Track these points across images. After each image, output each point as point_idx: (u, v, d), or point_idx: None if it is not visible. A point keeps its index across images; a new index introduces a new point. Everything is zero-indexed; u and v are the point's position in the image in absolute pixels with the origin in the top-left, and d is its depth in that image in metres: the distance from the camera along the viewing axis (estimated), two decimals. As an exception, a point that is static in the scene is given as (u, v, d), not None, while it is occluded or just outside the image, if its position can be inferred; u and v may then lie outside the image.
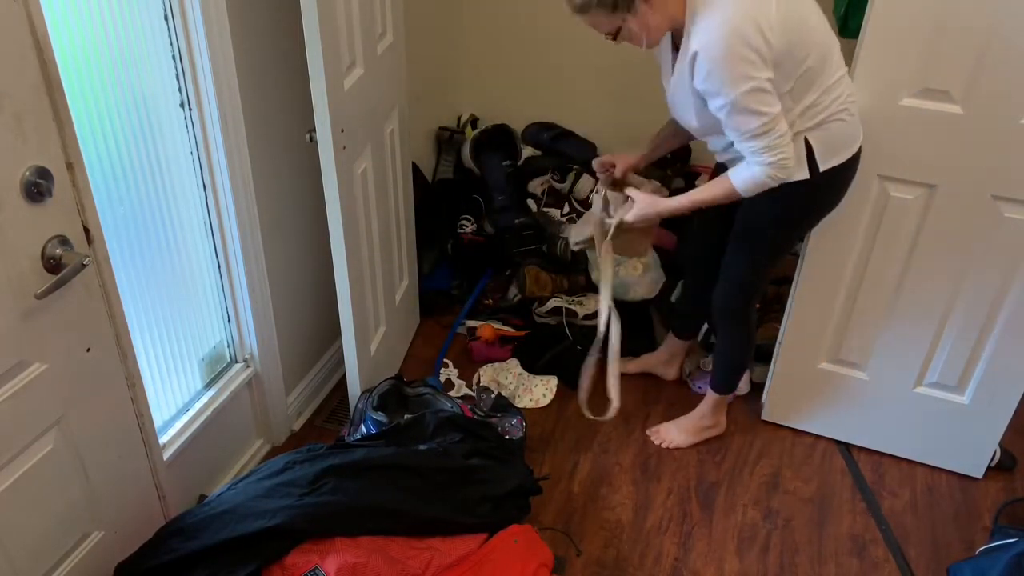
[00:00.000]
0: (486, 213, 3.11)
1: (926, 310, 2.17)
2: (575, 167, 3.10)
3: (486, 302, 2.92)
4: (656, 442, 2.44)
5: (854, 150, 1.91)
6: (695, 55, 1.68)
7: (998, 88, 1.85)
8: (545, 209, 3.07)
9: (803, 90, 1.77)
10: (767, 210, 1.97)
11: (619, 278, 2.71)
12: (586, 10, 1.70)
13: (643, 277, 2.71)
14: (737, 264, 2.14)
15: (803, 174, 1.85)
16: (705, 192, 1.94)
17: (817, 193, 1.93)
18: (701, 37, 1.67)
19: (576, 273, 2.92)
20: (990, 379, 2.19)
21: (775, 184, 1.80)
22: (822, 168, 1.86)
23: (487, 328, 2.75)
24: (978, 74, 1.85)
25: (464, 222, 3.09)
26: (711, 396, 2.41)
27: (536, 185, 3.12)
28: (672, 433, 2.45)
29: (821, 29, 1.77)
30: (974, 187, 1.98)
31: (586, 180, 3.07)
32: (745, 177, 1.82)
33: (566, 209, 3.06)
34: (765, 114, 1.70)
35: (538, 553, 1.88)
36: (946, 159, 1.97)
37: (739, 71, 1.66)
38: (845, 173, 1.93)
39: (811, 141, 1.83)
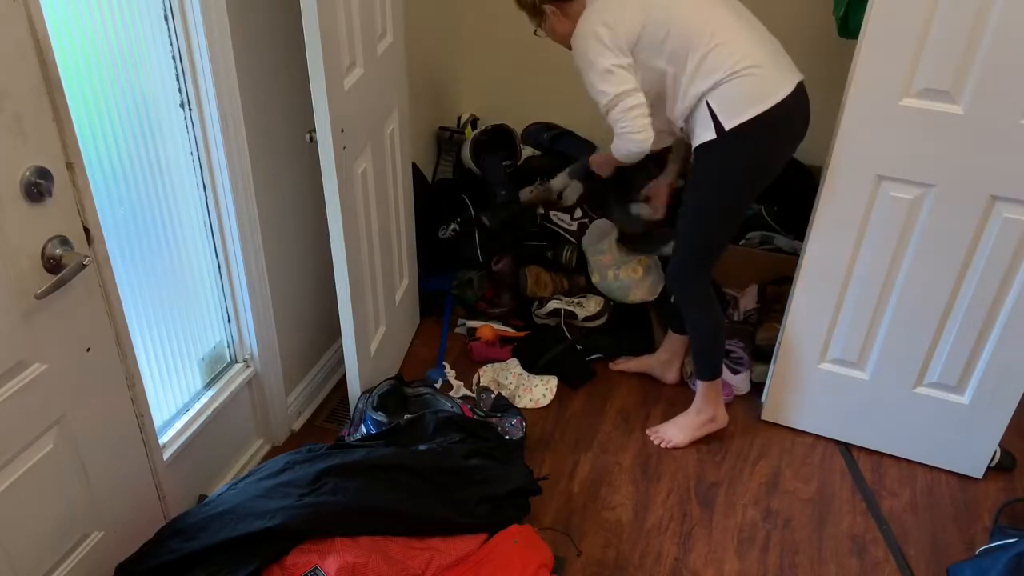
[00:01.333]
0: (490, 208, 3.08)
1: (926, 310, 2.17)
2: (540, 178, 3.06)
3: (482, 303, 2.92)
4: (656, 442, 2.45)
5: (764, 107, 1.98)
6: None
7: (998, 88, 1.85)
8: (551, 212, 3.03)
9: (681, 59, 2.00)
10: (703, 178, 2.13)
11: (620, 280, 2.72)
12: (522, 9, 2.23)
13: (644, 280, 2.72)
14: (682, 236, 2.25)
15: (708, 135, 2.03)
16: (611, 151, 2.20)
17: (737, 151, 2.04)
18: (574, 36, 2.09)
19: (576, 275, 2.92)
20: (990, 379, 2.19)
21: (636, 149, 2.07)
22: (728, 126, 1.99)
23: (487, 329, 2.75)
24: (978, 74, 1.85)
25: (454, 225, 3.04)
26: (700, 387, 2.41)
27: (526, 193, 3.08)
28: (672, 432, 2.45)
29: (687, 7, 2.01)
30: (974, 187, 1.98)
31: (575, 187, 3.04)
32: (615, 144, 2.12)
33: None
34: (607, 93, 2.03)
35: (538, 553, 1.88)
36: (946, 159, 1.97)
37: (587, 59, 2.04)
38: (760, 129, 1.99)
39: (710, 103, 2.00)
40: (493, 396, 2.39)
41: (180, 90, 1.79)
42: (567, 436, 2.47)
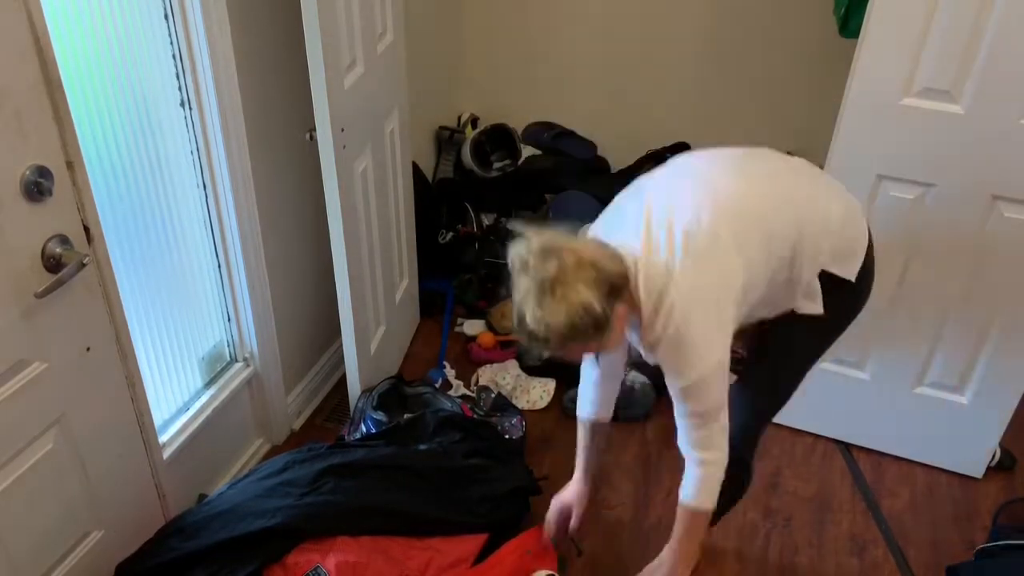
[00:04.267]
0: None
1: (926, 310, 2.17)
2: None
3: (480, 304, 2.92)
4: None
5: (865, 243, 1.69)
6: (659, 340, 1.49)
7: (998, 88, 1.85)
8: None
9: (790, 262, 1.59)
10: (804, 342, 1.77)
11: None
12: (570, 341, 1.43)
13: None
14: (761, 405, 1.82)
15: (816, 308, 1.66)
16: (685, 535, 1.64)
17: (858, 292, 1.72)
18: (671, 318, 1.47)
19: None
20: (990, 379, 2.19)
21: (718, 484, 1.57)
22: (854, 278, 1.67)
23: (487, 336, 2.75)
24: (978, 74, 1.85)
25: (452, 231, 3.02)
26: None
27: None
28: None
29: (780, 217, 1.59)
30: (974, 187, 1.98)
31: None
32: (692, 482, 1.58)
33: None
34: (717, 399, 1.52)
35: (546, 561, 1.88)
36: (946, 159, 1.97)
37: (701, 349, 1.49)
38: (870, 263, 1.70)
39: (828, 270, 1.64)
40: (493, 395, 2.39)
41: (180, 89, 1.79)
42: (567, 436, 2.46)
